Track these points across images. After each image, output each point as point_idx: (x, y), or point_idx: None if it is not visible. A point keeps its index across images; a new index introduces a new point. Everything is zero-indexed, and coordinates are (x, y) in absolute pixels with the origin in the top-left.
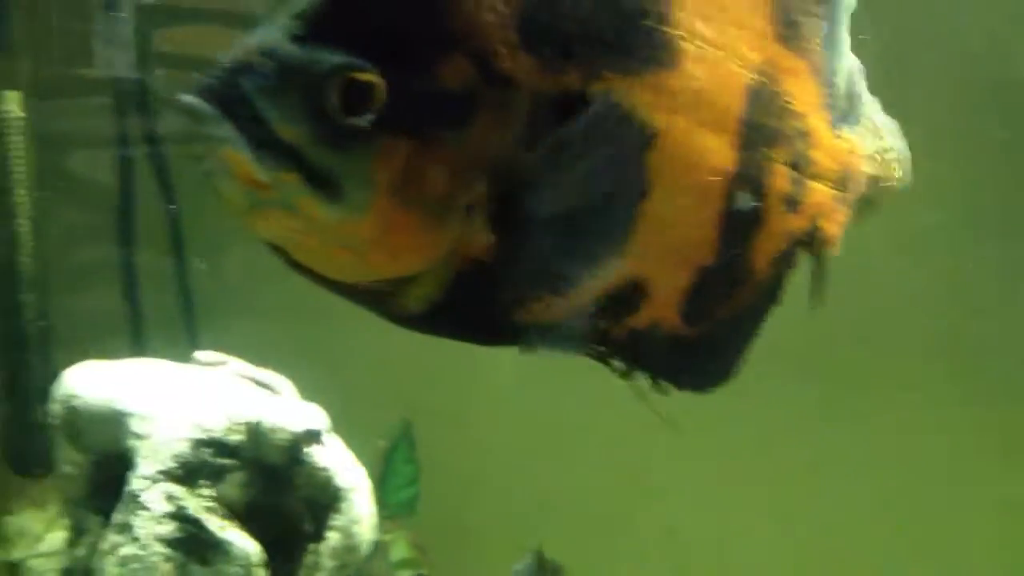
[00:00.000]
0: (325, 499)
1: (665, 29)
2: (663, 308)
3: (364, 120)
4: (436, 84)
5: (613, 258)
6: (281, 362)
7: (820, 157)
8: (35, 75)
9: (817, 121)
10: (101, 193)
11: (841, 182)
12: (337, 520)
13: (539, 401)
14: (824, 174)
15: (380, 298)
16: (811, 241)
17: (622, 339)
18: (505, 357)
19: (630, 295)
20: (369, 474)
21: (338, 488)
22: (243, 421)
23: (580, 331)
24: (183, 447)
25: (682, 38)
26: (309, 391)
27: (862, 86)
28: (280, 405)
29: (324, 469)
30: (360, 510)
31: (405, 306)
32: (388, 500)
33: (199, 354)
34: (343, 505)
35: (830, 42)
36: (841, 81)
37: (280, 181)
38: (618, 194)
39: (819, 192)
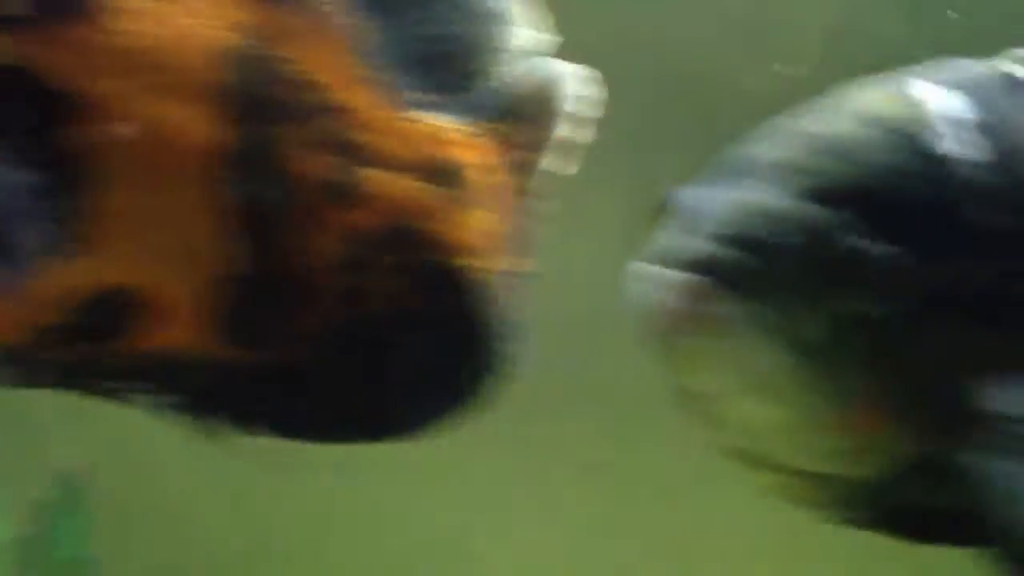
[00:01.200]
0: None
1: None
2: (184, 327)
3: None
4: None
5: (57, 261)
6: None
7: (378, 141)
8: None
9: (358, 98)
10: None
11: (437, 175)
12: None
13: None
14: (394, 163)
15: None
16: (414, 246)
17: (136, 366)
18: None
19: (113, 310)
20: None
21: None
22: None
23: (37, 353)
24: None
25: None
26: None
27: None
28: None
29: None
30: None
31: None
32: (55, 558)
33: None
34: None
35: (380, 10)
36: (418, 56)
37: None
38: (42, 175)
39: (392, 184)
